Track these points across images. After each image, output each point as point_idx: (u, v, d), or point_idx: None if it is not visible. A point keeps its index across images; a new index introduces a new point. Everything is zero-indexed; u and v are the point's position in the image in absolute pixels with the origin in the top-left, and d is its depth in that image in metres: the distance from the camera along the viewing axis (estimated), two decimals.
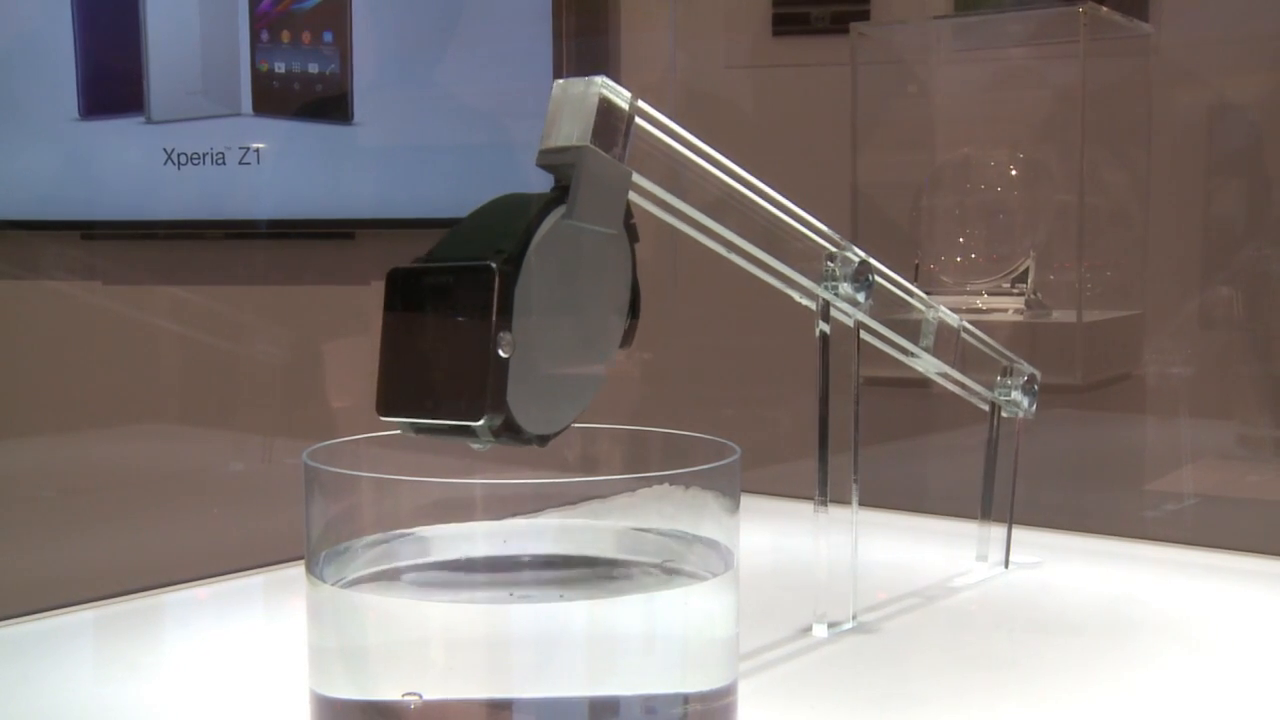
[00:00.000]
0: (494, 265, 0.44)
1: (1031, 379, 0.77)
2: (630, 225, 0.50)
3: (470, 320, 0.44)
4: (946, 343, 0.72)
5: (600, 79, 0.48)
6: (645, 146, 0.51)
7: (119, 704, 0.58)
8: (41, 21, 1.63)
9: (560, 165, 0.47)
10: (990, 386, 0.76)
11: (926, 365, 0.72)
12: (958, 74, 1.41)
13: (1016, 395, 0.77)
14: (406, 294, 0.45)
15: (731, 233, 0.57)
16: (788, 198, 0.61)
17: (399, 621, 0.45)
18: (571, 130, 0.47)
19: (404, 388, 0.45)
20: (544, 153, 0.48)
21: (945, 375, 0.73)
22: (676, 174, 0.54)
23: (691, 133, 0.54)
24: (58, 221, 1.65)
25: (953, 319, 0.72)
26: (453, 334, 0.44)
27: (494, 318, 0.43)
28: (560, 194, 0.47)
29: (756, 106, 1.51)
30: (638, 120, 0.50)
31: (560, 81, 0.48)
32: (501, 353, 0.44)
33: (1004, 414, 0.78)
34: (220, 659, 0.64)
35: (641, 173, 0.50)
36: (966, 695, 0.58)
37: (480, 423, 0.44)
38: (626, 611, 0.45)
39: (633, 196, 0.50)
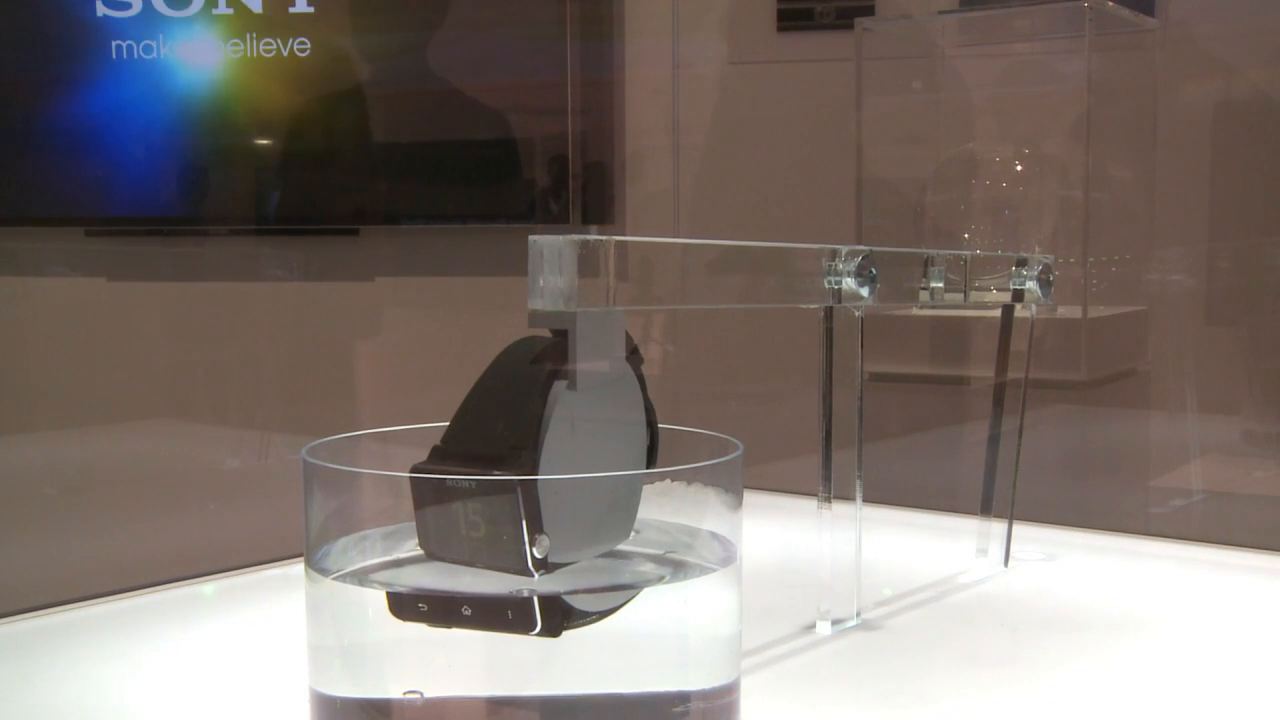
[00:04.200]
0: (513, 478, 0.44)
1: (1047, 269, 0.77)
2: (632, 350, 0.50)
3: (501, 530, 0.44)
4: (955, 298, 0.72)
5: (575, 235, 0.48)
6: (635, 271, 0.51)
7: (119, 702, 0.58)
8: None
9: (553, 322, 0.47)
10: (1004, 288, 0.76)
11: (939, 295, 0.71)
12: (963, 69, 1.40)
13: (1031, 285, 0.76)
14: (433, 495, 0.46)
15: (733, 300, 0.58)
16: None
17: (399, 619, 0.45)
18: (556, 293, 0.47)
19: (449, 552, 0.46)
20: (534, 314, 0.48)
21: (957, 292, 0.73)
22: (670, 277, 0.54)
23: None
24: (62, 218, 1.65)
25: (960, 253, 0.72)
26: (486, 539, 0.45)
27: (525, 527, 0.44)
28: (560, 347, 0.47)
29: (761, 102, 1.50)
30: (619, 249, 0.50)
31: (534, 238, 0.48)
32: (537, 553, 0.44)
33: (1020, 306, 0.77)
34: (221, 656, 0.64)
35: (636, 297, 0.50)
36: (971, 692, 0.58)
37: (537, 631, 0.45)
38: (628, 608, 0.45)
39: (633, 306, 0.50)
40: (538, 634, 0.44)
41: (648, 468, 0.51)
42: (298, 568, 0.48)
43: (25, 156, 1.64)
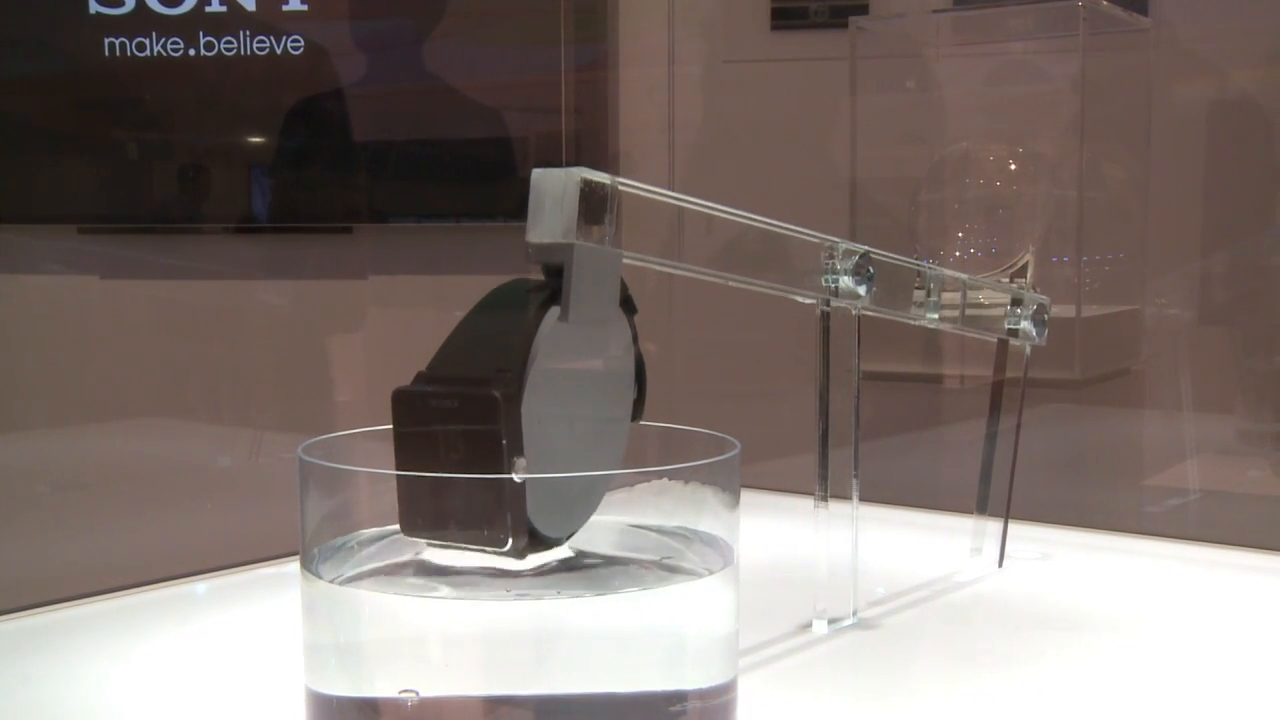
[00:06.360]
0: (497, 394, 0.44)
1: (1041, 308, 0.77)
2: (626, 298, 0.50)
3: (481, 450, 0.44)
4: (952, 305, 0.72)
5: (579, 169, 0.48)
6: (634, 218, 0.50)
7: (113, 701, 0.57)
8: None
9: (549, 259, 0.47)
10: (999, 323, 0.76)
11: (936, 321, 0.71)
12: (957, 68, 1.40)
13: (1026, 325, 0.76)
14: (414, 417, 0.45)
15: (732, 273, 0.58)
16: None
17: (395, 618, 0.44)
18: (556, 225, 0.47)
19: (425, 509, 0.45)
20: (533, 247, 0.47)
21: (953, 323, 0.73)
22: (669, 234, 0.54)
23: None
24: (55, 215, 1.65)
25: (956, 274, 0.72)
26: (466, 461, 0.44)
27: (504, 448, 0.44)
28: (553, 287, 0.47)
29: (755, 101, 1.50)
30: (622, 193, 0.49)
31: (538, 171, 0.48)
32: (516, 478, 0.44)
33: (1013, 342, 0.77)
34: (217, 655, 0.64)
35: (634, 245, 0.50)
36: (967, 691, 0.58)
37: (505, 549, 0.44)
38: (625, 608, 0.45)
39: (628, 262, 0.50)
40: (505, 553, 0.44)
41: (633, 421, 0.51)
42: (292, 566, 0.48)
43: (18, 154, 1.64)
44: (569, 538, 0.47)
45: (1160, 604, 0.73)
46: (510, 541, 0.44)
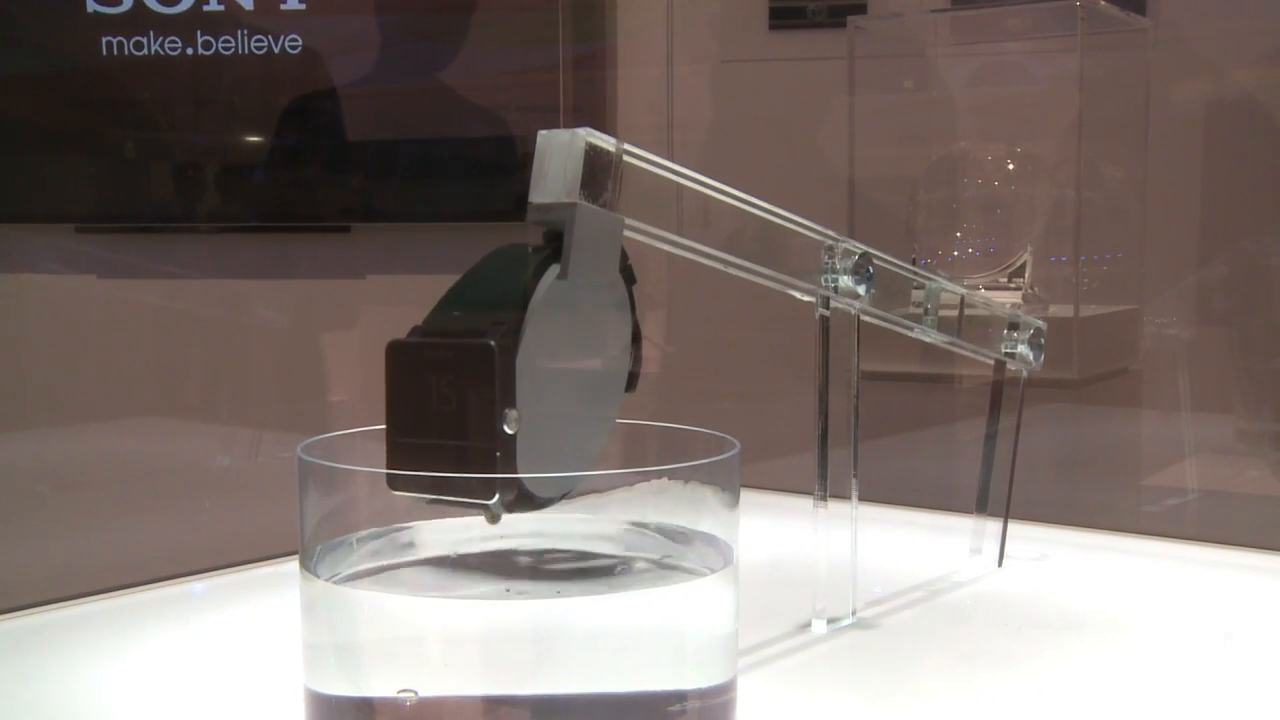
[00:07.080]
0: (492, 343, 0.43)
1: (1038, 333, 0.77)
2: (626, 267, 0.50)
3: (473, 400, 0.44)
4: (950, 311, 0.72)
5: (584, 129, 0.48)
6: (636, 187, 0.50)
7: (113, 701, 0.57)
8: None
9: (551, 221, 0.47)
10: (996, 344, 0.76)
11: (933, 336, 0.71)
12: (955, 68, 1.40)
13: (1023, 349, 0.76)
14: (407, 369, 0.45)
15: (730, 255, 0.58)
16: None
17: (394, 618, 0.44)
18: (559, 185, 0.47)
19: (413, 464, 0.45)
20: (534, 208, 0.47)
21: (950, 340, 0.73)
22: (670, 208, 0.53)
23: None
24: (53, 214, 1.65)
25: (955, 288, 0.72)
26: (457, 412, 0.44)
27: (497, 397, 0.43)
28: (553, 248, 0.47)
29: (753, 101, 1.50)
30: (627, 160, 0.49)
31: (544, 132, 0.48)
32: (507, 429, 0.43)
33: (1010, 368, 0.77)
34: (215, 655, 0.64)
35: (635, 214, 0.50)
36: (966, 691, 0.58)
37: (493, 501, 0.44)
38: (624, 608, 0.45)
39: (628, 234, 0.50)
40: (492, 506, 0.43)
41: (628, 390, 0.51)
42: (290, 566, 0.48)
43: (16, 153, 1.64)
44: (559, 499, 0.47)
45: (1159, 604, 0.73)
46: (497, 494, 0.43)
